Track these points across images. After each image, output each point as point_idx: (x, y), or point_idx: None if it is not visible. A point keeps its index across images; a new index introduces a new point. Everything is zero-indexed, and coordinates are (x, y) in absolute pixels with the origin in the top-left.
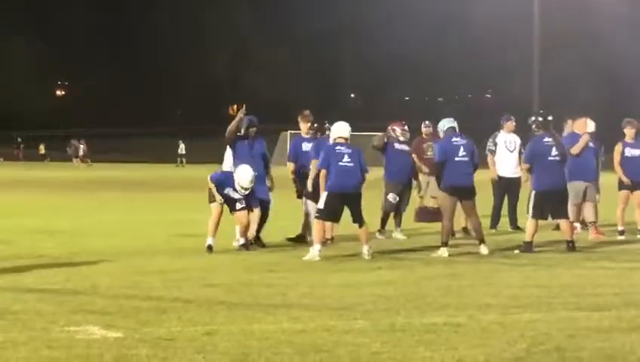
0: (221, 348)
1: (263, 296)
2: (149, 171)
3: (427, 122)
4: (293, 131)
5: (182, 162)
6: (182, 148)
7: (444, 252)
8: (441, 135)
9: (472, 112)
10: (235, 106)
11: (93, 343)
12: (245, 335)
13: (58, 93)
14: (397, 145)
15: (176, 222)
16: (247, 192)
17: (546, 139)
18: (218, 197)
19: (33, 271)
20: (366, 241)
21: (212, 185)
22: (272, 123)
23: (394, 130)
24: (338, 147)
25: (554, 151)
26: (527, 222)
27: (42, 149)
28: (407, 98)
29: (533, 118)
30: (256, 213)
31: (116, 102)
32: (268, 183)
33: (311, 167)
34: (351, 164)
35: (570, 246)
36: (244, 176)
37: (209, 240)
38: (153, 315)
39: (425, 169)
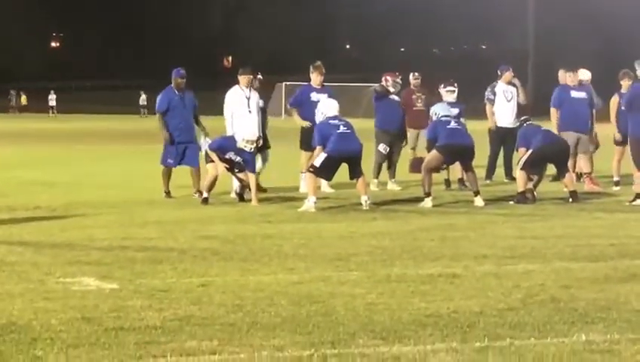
0: (216, 300)
1: (258, 247)
2: (136, 123)
3: (416, 73)
4: (288, 83)
5: (144, 113)
6: (143, 99)
7: (427, 202)
8: (433, 118)
9: (468, 63)
10: (230, 58)
11: (88, 294)
12: (240, 286)
13: (53, 44)
14: (390, 96)
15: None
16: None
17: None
18: (221, 166)
19: (29, 223)
20: (365, 192)
21: (213, 155)
22: (267, 74)
23: (386, 80)
24: (331, 121)
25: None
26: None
27: (24, 100)
28: (402, 49)
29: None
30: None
31: (108, 54)
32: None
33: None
34: (349, 131)
35: (520, 198)
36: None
37: (205, 194)
38: (148, 266)
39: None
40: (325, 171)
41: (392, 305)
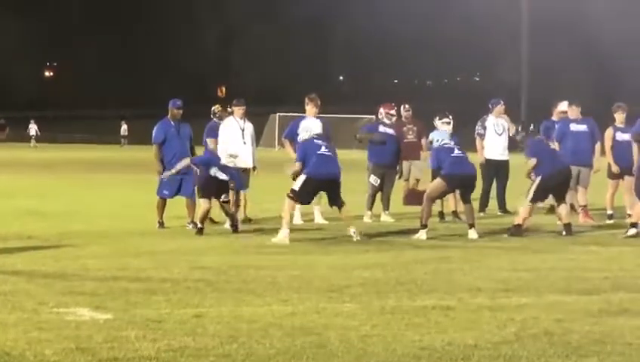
0: (210, 331)
1: (252, 278)
2: (118, 152)
3: (407, 105)
4: (282, 114)
5: (124, 142)
6: (124, 130)
7: (422, 234)
8: (434, 144)
9: (460, 95)
10: (224, 88)
11: (82, 325)
12: (234, 317)
13: (47, 74)
14: (381, 128)
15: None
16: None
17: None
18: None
19: (22, 253)
20: (350, 223)
21: (196, 168)
22: (261, 105)
23: (380, 113)
24: (315, 140)
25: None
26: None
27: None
28: (395, 81)
29: (518, 131)
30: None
31: (100, 83)
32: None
33: None
34: (329, 153)
35: (515, 230)
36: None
37: (199, 225)
38: (142, 297)
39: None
40: (304, 195)
41: (386, 337)
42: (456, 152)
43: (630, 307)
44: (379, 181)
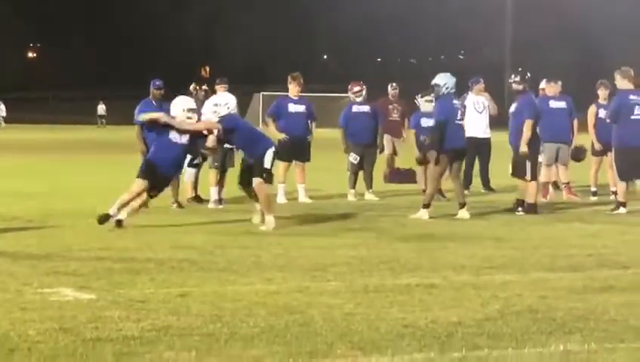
0: (194, 310)
1: (236, 257)
2: (97, 133)
3: (394, 84)
4: (265, 93)
5: (102, 123)
6: (102, 109)
7: (424, 214)
8: (443, 91)
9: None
10: (208, 68)
11: (66, 305)
12: (218, 296)
13: (30, 55)
14: (354, 108)
15: None
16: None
17: (632, 97)
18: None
19: (6, 234)
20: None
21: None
22: (245, 85)
23: (350, 91)
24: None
25: (637, 110)
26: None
27: None
28: (379, 59)
29: (512, 78)
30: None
31: (86, 65)
32: None
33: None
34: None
35: (530, 208)
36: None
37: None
38: (126, 277)
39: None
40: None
41: (370, 315)
42: (457, 123)
43: (614, 284)
44: (358, 159)
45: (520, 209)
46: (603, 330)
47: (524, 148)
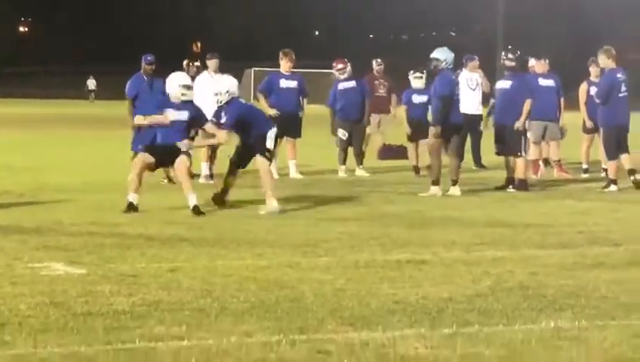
0: (185, 284)
1: (227, 232)
2: (88, 108)
3: (379, 60)
4: (257, 68)
5: (92, 98)
6: (92, 84)
7: (437, 191)
8: (443, 66)
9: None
10: (199, 43)
11: (57, 279)
12: (209, 271)
13: (21, 29)
14: (340, 85)
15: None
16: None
17: (619, 75)
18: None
19: None
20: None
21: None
22: (237, 60)
23: (334, 69)
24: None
25: (623, 88)
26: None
27: None
28: (371, 36)
29: (504, 55)
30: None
31: (77, 39)
32: None
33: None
34: None
35: (521, 184)
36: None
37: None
38: (117, 251)
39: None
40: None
41: (360, 291)
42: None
43: (605, 261)
44: (347, 135)
45: (511, 186)
46: (594, 307)
47: (521, 124)
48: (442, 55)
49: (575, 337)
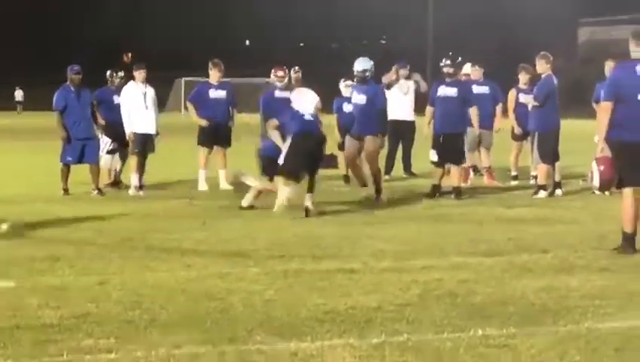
0: (114, 297)
1: (158, 243)
2: (16, 119)
3: (296, 68)
4: (187, 78)
5: (20, 109)
6: (20, 95)
7: (384, 197)
8: (367, 75)
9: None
10: (130, 54)
11: None
12: (139, 283)
13: None
14: (277, 93)
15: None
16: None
17: (555, 80)
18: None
19: None
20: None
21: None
22: (166, 70)
23: (273, 75)
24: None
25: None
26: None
27: None
28: (301, 44)
29: (444, 61)
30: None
31: (3, 49)
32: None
33: None
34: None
35: (457, 192)
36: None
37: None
38: (46, 264)
39: None
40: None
41: (289, 301)
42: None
43: (533, 268)
44: None
45: (438, 194)
46: (521, 315)
47: (477, 131)
48: (368, 64)
49: (503, 344)
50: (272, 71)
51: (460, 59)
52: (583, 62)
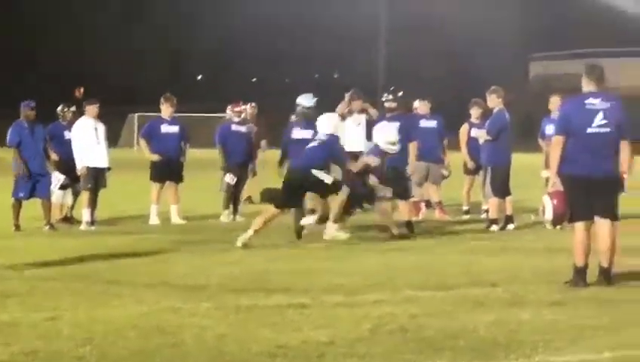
0: (65, 333)
1: (109, 279)
2: None
3: (253, 103)
4: (140, 113)
5: None
6: None
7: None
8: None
9: (321, 92)
10: (82, 89)
11: None
12: (90, 319)
13: None
14: (234, 127)
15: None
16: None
17: (507, 115)
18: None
19: None
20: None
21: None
22: (120, 105)
23: (231, 110)
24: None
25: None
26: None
27: None
28: (254, 79)
29: (385, 96)
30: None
31: None
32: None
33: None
34: None
35: (407, 226)
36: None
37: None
38: None
39: None
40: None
41: (241, 336)
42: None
43: (484, 301)
44: (236, 179)
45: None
46: (472, 348)
47: (411, 168)
48: (312, 100)
49: None
50: (229, 107)
51: (401, 93)
52: (534, 97)
